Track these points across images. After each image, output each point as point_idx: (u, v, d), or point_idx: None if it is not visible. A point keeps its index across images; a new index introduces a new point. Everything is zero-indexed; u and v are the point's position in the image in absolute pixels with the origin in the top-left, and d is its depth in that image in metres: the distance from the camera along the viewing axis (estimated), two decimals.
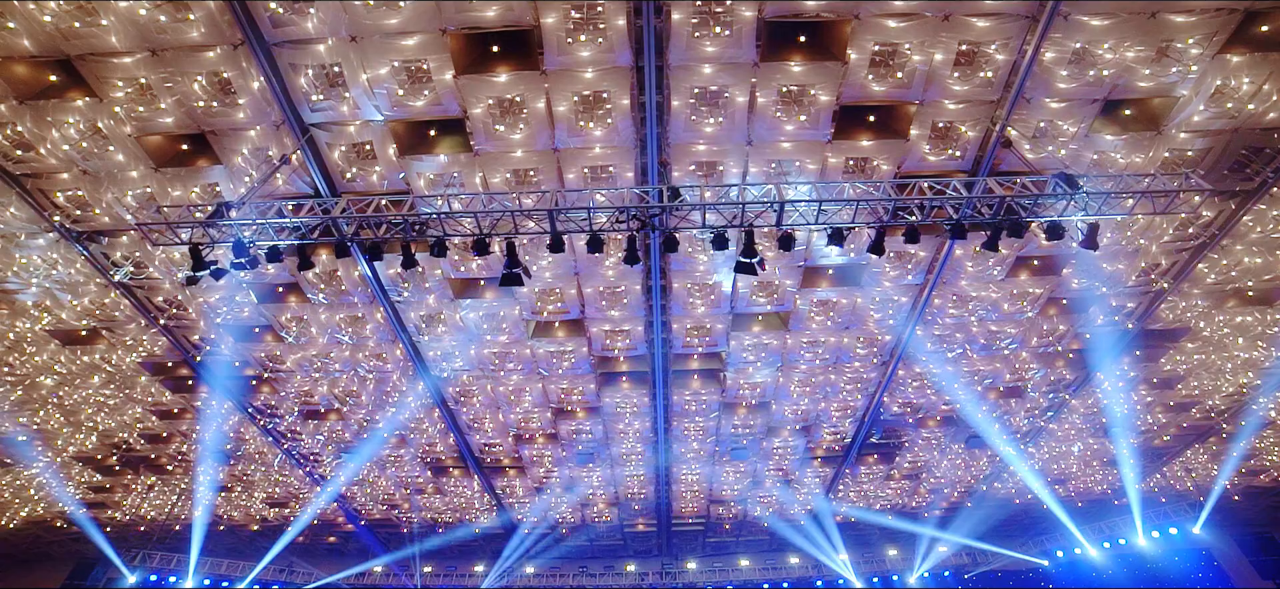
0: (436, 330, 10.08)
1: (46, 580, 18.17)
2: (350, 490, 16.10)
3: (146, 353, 11.11)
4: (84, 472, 14.94)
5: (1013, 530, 18.83)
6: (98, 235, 8.51)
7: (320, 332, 10.38)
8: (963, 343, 10.97)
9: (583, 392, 11.65)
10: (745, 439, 13.34)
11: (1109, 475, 15.93)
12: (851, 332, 10.32)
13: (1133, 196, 6.50)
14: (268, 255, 6.06)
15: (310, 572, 20.01)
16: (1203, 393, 12.49)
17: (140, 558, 17.87)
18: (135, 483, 15.65)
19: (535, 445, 13.53)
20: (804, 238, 8.20)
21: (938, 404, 12.77)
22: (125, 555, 17.52)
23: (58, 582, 17.84)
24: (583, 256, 8.52)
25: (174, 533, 17.60)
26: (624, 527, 18.10)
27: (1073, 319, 10.46)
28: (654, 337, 9.85)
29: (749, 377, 11.30)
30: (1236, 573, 16.81)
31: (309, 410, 12.69)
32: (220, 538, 18.54)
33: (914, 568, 19.52)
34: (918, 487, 16.23)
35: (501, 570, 19.68)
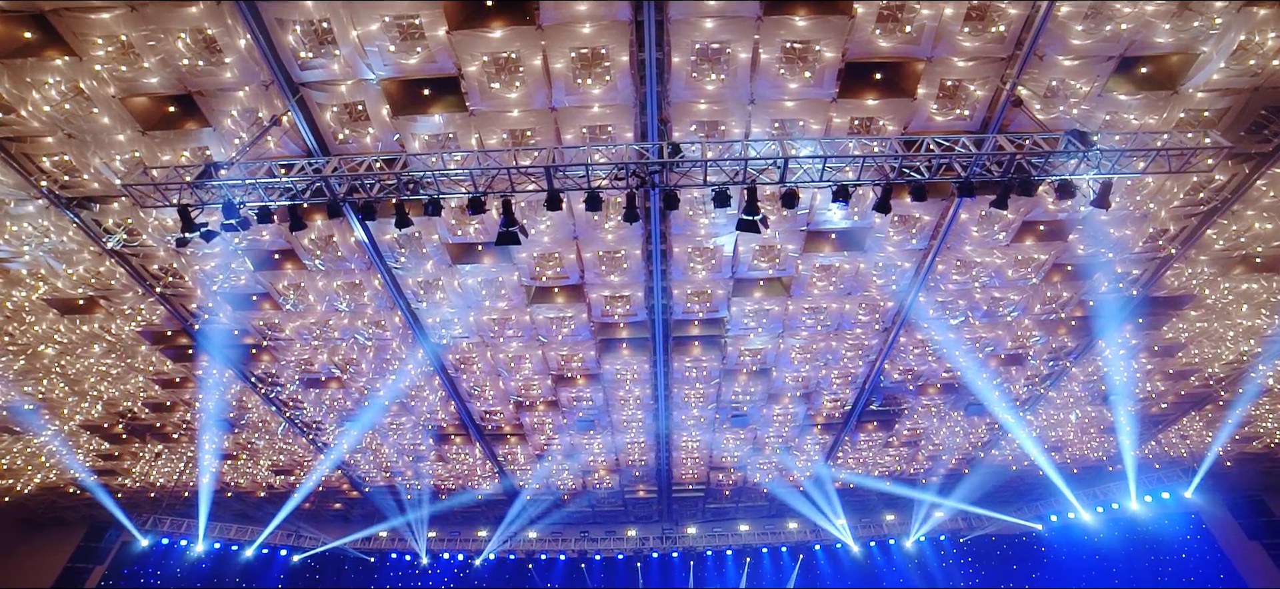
0: (435, 297, 10.00)
1: (63, 544, 18.52)
2: (354, 458, 16.26)
3: (145, 322, 11.08)
4: (92, 440, 15.09)
5: (1008, 496, 19.07)
6: (88, 202, 8.36)
7: (318, 299, 10.31)
8: (965, 310, 10.89)
9: (583, 358, 11.63)
10: (746, 406, 13.38)
11: (1105, 442, 16.05)
12: (854, 297, 10.23)
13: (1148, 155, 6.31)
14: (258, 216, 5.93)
15: (317, 537, 20.41)
16: (1203, 361, 12.46)
17: (152, 522, 18.24)
18: (142, 451, 15.82)
19: (536, 412, 13.59)
20: (807, 200, 8.05)
21: (938, 371, 12.76)
22: (137, 520, 17.87)
23: (73, 545, 18.24)
24: (582, 220, 8.38)
25: (183, 499, 17.90)
26: (625, 493, 18.33)
27: (1077, 286, 10.36)
28: (654, 302, 9.77)
29: (750, 343, 11.25)
30: (1223, 535, 17.10)
31: (310, 379, 12.71)
32: (228, 504, 18.85)
33: (911, 532, 19.86)
34: (916, 453, 16.36)
35: (504, 535, 20.04)
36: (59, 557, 18.15)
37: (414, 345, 11.21)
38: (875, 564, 20.93)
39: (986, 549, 20.47)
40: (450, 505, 18.44)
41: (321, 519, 20.26)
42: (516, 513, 18.89)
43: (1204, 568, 17.15)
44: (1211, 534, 17.26)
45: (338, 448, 15.31)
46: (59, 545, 18.42)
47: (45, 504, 18.02)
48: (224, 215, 5.77)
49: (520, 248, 9.00)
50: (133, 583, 18.17)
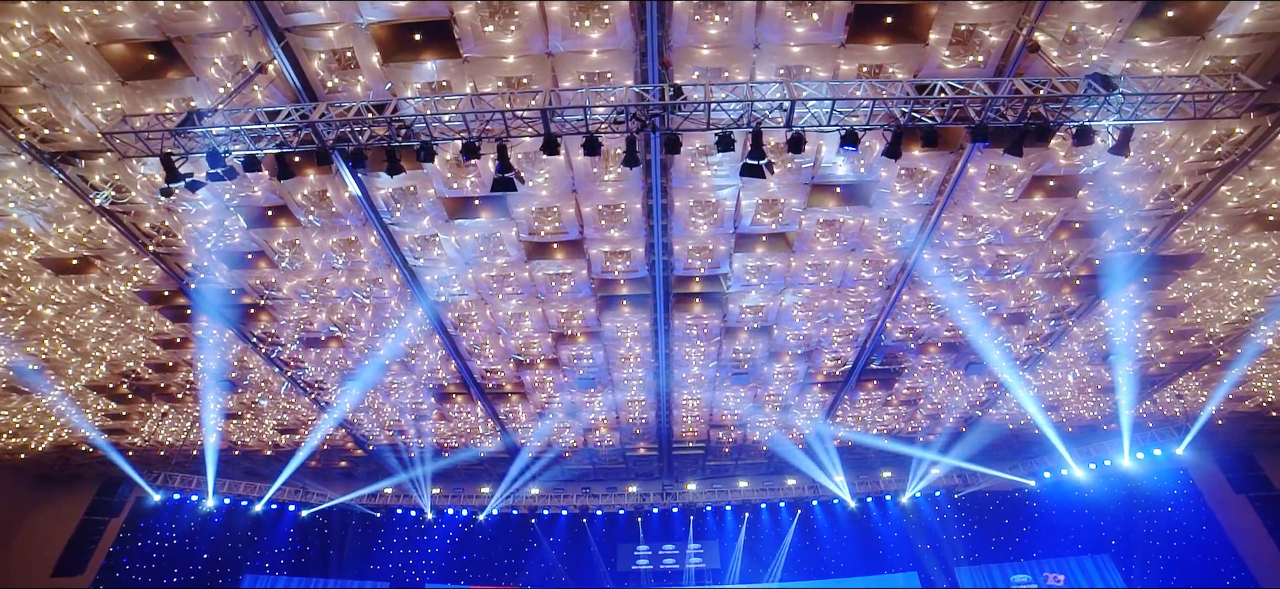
0: (432, 253, 9.86)
1: (79, 498, 19.03)
2: (356, 417, 16.41)
3: (141, 282, 10.97)
4: (99, 400, 15.21)
5: (1003, 453, 19.36)
6: (72, 157, 8.13)
7: (314, 257, 10.17)
8: (969, 267, 10.76)
9: (583, 316, 11.57)
10: (746, 364, 13.39)
11: (1101, 402, 16.16)
12: (857, 254, 10.09)
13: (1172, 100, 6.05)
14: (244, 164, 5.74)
15: (324, 493, 20.83)
16: (1205, 321, 12.39)
17: (163, 479, 18.63)
18: (149, 410, 15.97)
19: (536, 371, 13.62)
20: (811, 152, 7.82)
21: (940, 330, 12.71)
22: (148, 476, 18.26)
23: (88, 499, 18.73)
24: (580, 173, 8.17)
25: (192, 457, 18.21)
26: (625, 450, 18.58)
27: (1084, 244, 10.19)
28: (655, 259, 9.63)
29: (751, 300, 11.16)
30: (1209, 489, 17.49)
31: (309, 338, 12.68)
32: (236, 462, 19.17)
33: (907, 489, 20.25)
34: (914, 412, 16.49)
35: (507, 492, 20.45)
36: (76, 510, 18.72)
37: (413, 303, 11.13)
38: (871, 519, 21.44)
39: (980, 504, 20.93)
40: (453, 462, 18.73)
41: (328, 476, 20.63)
42: (518, 470, 19.23)
43: (1188, 520, 17.64)
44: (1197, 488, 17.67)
45: (340, 407, 15.43)
46: (75, 500, 19.00)
47: (60, 461, 18.46)
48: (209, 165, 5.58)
49: (518, 202, 8.83)
50: (149, 535, 18.67)
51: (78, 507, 18.85)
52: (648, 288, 10.66)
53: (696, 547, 21.79)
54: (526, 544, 22.10)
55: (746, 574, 21.06)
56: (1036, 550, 19.61)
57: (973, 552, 20.12)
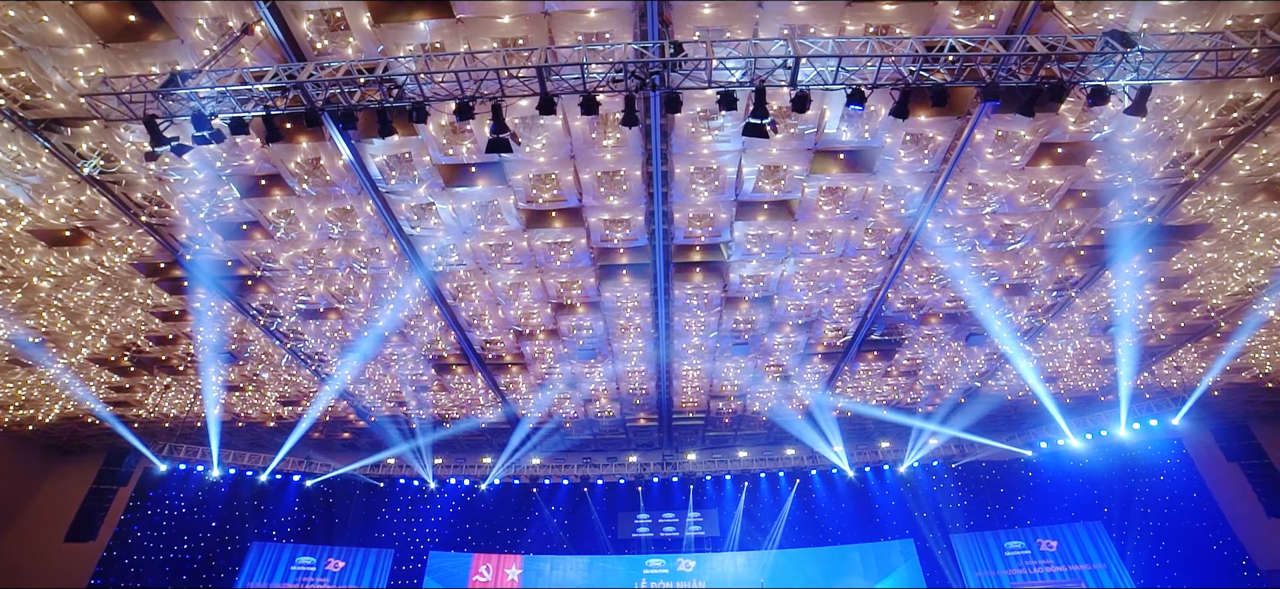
0: (429, 222, 9.73)
1: (87, 468, 19.48)
2: (358, 389, 16.47)
3: (136, 253, 10.86)
4: (101, 373, 15.26)
5: (1001, 424, 19.49)
6: (56, 124, 7.93)
7: (309, 227, 10.04)
8: (973, 237, 10.63)
9: (582, 286, 11.48)
10: (747, 334, 13.36)
11: (1099, 374, 16.19)
12: (860, 222, 9.95)
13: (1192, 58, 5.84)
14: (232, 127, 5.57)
15: (328, 464, 21.06)
16: (1208, 292, 12.31)
17: (168, 449, 18.86)
18: (152, 383, 16.03)
19: (536, 341, 13.59)
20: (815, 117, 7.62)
21: (941, 300, 12.64)
22: (154, 447, 18.49)
23: (96, 469, 19.03)
24: (578, 139, 7.99)
25: (196, 429, 18.39)
26: (626, 421, 18.69)
27: (1090, 214, 10.05)
28: (655, 227, 9.49)
29: (752, 269, 11.06)
30: (1201, 458, 17.73)
31: (308, 310, 12.63)
32: (241, 433, 19.36)
33: (905, 459, 20.44)
34: (914, 383, 16.53)
35: (508, 462, 20.67)
36: (85, 479, 19.22)
37: (411, 274, 11.04)
38: (869, 488, 21.70)
39: (976, 474, 21.14)
40: (454, 433, 18.89)
41: (331, 447, 20.84)
42: (519, 440, 19.39)
43: (1180, 488, 17.93)
44: (1190, 458, 17.92)
45: (341, 378, 15.48)
46: (84, 470, 19.49)
47: (68, 432, 18.76)
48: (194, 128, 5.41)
49: (516, 169, 8.67)
50: (158, 504, 19.04)
51: (86, 476, 19.26)
52: (648, 257, 10.54)
53: (696, 515, 22.12)
54: (528, 513, 22.43)
55: (745, 541, 21.42)
56: (1030, 519, 19.89)
57: (968, 520, 20.41)
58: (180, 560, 18.99)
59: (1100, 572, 18.05)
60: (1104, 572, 18.00)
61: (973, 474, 21.16)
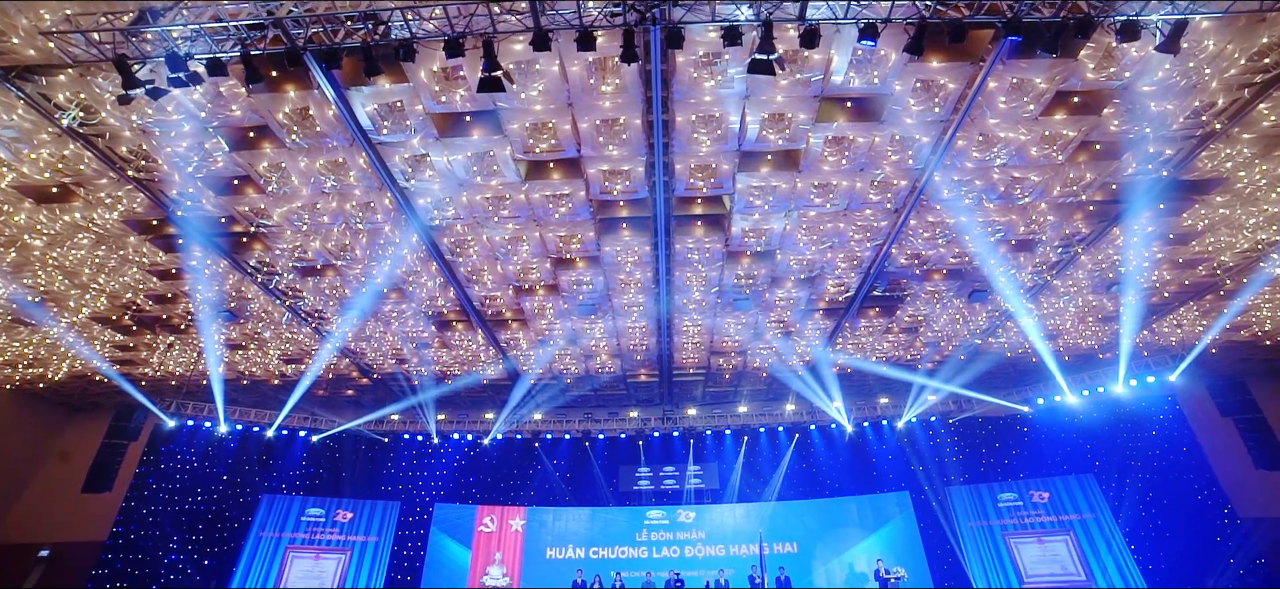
0: (424, 175, 9.50)
1: (98, 423, 19.98)
2: (359, 346, 16.52)
3: (127, 210, 10.67)
4: (104, 332, 15.29)
5: (999, 381, 19.62)
6: (28, 72, 7.61)
7: (302, 180, 9.82)
8: (980, 191, 10.40)
9: (582, 240, 11.31)
10: (748, 290, 13.27)
11: (1099, 332, 16.17)
12: (866, 174, 9.70)
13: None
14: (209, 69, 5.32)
15: (333, 420, 21.37)
16: (1216, 249, 12.12)
17: (175, 406, 19.19)
18: (155, 342, 16.09)
19: (536, 297, 13.52)
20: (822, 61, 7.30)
21: (945, 256, 12.49)
22: (161, 404, 18.79)
23: (106, 425, 19.44)
24: (576, 84, 7.68)
25: (202, 386, 18.61)
26: (627, 377, 18.82)
27: (1102, 167, 9.77)
28: (656, 179, 9.26)
29: (755, 223, 10.87)
30: (1193, 413, 17.95)
31: (305, 267, 12.51)
32: (246, 391, 19.59)
33: (903, 414, 20.67)
34: (915, 340, 16.53)
35: (510, 417, 20.94)
36: (97, 434, 19.69)
37: (407, 229, 10.87)
38: (867, 443, 22.05)
39: (973, 429, 21.43)
40: (456, 389, 19.06)
41: (336, 404, 21.10)
42: (521, 396, 19.59)
43: (1169, 442, 18.23)
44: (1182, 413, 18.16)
45: (341, 336, 15.50)
46: (95, 425, 19.98)
47: (78, 390, 19.11)
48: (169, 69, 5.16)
49: (511, 118, 8.39)
50: (170, 459, 19.60)
51: (98, 432, 19.77)
52: (648, 210, 10.34)
53: (696, 468, 22.55)
54: (531, 467, 22.88)
55: (744, 494, 21.91)
56: (1024, 472, 20.26)
57: (964, 473, 20.81)
58: (195, 511, 19.68)
59: (1089, 521, 18.52)
60: (1093, 521, 18.47)
61: (970, 429, 21.46)
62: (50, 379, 18.01)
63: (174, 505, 19.41)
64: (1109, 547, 17.99)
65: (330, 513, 20.65)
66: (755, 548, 18.04)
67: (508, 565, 20.43)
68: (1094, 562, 18.03)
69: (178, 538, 19.06)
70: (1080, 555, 18.28)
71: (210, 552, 19.50)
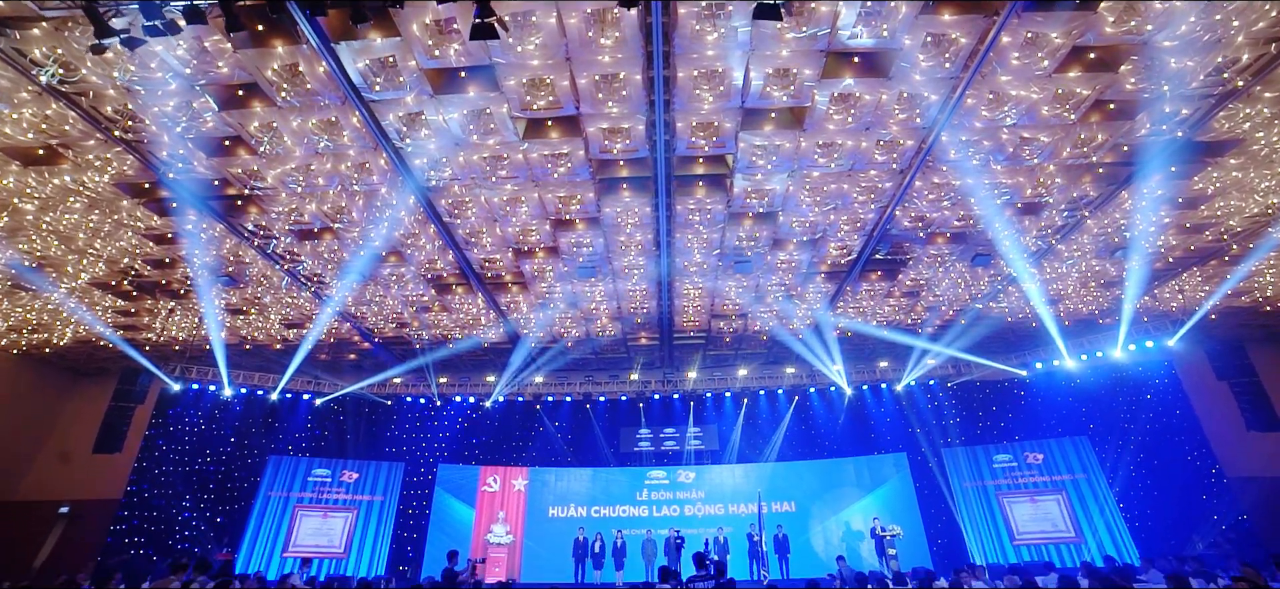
0: (420, 134, 9.27)
1: (104, 388, 20.32)
2: (360, 311, 16.51)
3: (117, 173, 10.47)
4: (105, 297, 15.28)
5: (998, 345, 19.67)
6: None
7: (295, 141, 9.60)
8: (988, 152, 10.17)
9: (581, 200, 11.14)
10: (749, 252, 13.14)
11: (1100, 297, 16.11)
12: (872, 133, 9.46)
13: None
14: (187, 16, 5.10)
15: (336, 383, 21.56)
16: (1225, 213, 11.93)
17: (179, 370, 19.38)
18: (156, 307, 16.09)
19: (536, 259, 13.41)
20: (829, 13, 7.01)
21: (950, 219, 12.32)
22: (166, 369, 18.97)
23: (112, 389, 19.75)
24: (574, 38, 7.40)
25: (205, 351, 18.73)
26: (627, 339, 18.87)
27: (1115, 128, 9.52)
28: (657, 137, 9.03)
29: (758, 183, 10.67)
30: (1189, 377, 18.08)
31: (302, 230, 12.38)
32: (248, 356, 19.73)
33: (903, 378, 20.81)
34: (916, 304, 16.49)
35: (511, 380, 21.11)
36: (104, 398, 19.99)
37: (404, 190, 10.69)
38: (866, 405, 22.28)
39: (971, 392, 21.61)
40: (457, 351, 19.15)
41: (338, 368, 21.27)
42: (522, 360, 19.69)
43: (1164, 405, 18.47)
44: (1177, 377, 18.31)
45: (341, 300, 15.47)
46: (102, 389, 20.32)
47: (83, 355, 19.37)
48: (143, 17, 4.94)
49: (508, 74, 8.14)
50: (178, 421, 19.98)
51: (105, 395, 20.12)
52: (648, 169, 10.13)
53: (696, 430, 22.86)
54: (532, 428, 23.19)
55: (744, 454, 22.26)
56: (1020, 434, 20.52)
57: (961, 435, 21.08)
58: (205, 471, 20.17)
59: (1081, 481, 18.87)
60: (1084, 481, 18.81)
61: (967, 393, 21.64)
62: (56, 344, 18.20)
63: (184, 466, 19.87)
64: (1099, 506, 18.37)
65: (336, 473, 21.05)
66: (754, 507, 18.43)
67: (511, 524, 20.93)
68: (1084, 520, 18.44)
69: (190, 497, 19.55)
70: (1071, 513, 18.67)
71: (222, 509, 19.99)
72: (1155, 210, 11.83)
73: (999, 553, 18.53)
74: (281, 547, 19.43)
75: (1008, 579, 9.51)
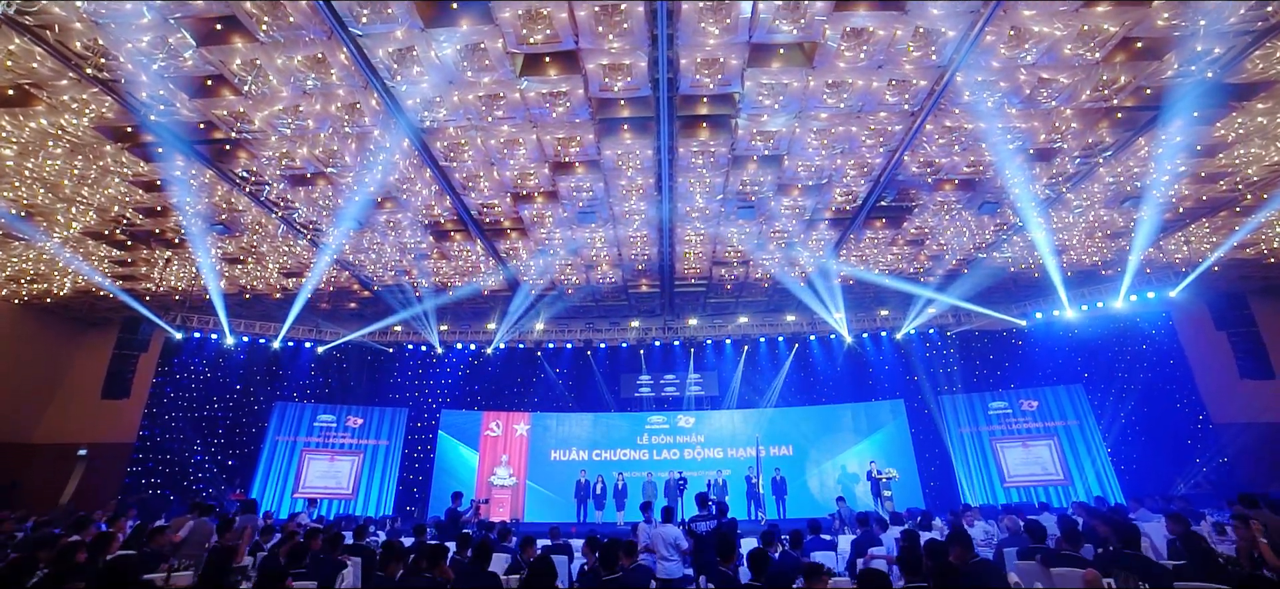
0: (411, 71, 8.84)
1: (107, 336, 20.66)
2: (358, 259, 16.34)
3: (96, 115, 10.06)
4: (99, 247, 15.09)
5: (999, 295, 19.64)
6: None
7: (281, 81, 9.18)
8: (1005, 93, 9.75)
9: (581, 142, 10.78)
10: (753, 197, 12.86)
11: (1105, 248, 15.91)
12: (884, 71, 9.03)
13: None
14: None
15: (337, 331, 21.64)
16: (1243, 162, 11.59)
17: (181, 319, 19.46)
18: (152, 256, 15.91)
19: (535, 204, 13.14)
20: None
21: (960, 165, 11.98)
22: (167, 318, 19.04)
23: (115, 338, 19.94)
24: None
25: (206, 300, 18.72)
26: (628, 287, 18.79)
27: (1140, 68, 9.06)
28: (659, 74, 8.62)
29: (763, 125, 10.29)
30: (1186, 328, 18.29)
31: (294, 175, 12.05)
32: (249, 305, 19.73)
33: (903, 326, 20.87)
34: (919, 252, 16.31)
35: (512, 328, 21.17)
36: (108, 346, 20.33)
37: (398, 132, 10.32)
38: (866, 353, 22.46)
39: (970, 341, 21.75)
40: (457, 298, 19.11)
41: (339, 317, 21.30)
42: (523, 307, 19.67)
43: (1159, 355, 18.81)
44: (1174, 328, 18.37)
45: (338, 248, 15.27)
46: (106, 338, 20.65)
47: (85, 306, 19.45)
48: None
49: (502, 6, 7.68)
50: (183, 369, 20.41)
51: (108, 344, 20.35)
52: (650, 109, 9.73)
53: (696, 376, 23.12)
54: (533, 375, 23.46)
55: (743, 400, 22.60)
56: (1016, 383, 20.79)
57: (958, 383, 21.35)
58: (214, 417, 20.61)
59: (1073, 427, 19.27)
60: (1077, 428, 19.22)
61: (966, 341, 21.78)
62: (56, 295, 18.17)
63: (193, 412, 20.33)
64: (1090, 451, 18.81)
65: (341, 418, 21.43)
66: (752, 451, 18.83)
67: (514, 466, 21.47)
68: (1073, 464, 18.92)
69: (200, 441, 20.04)
70: (1062, 458, 19.14)
71: (232, 452, 20.50)
72: (1171, 158, 11.48)
73: (989, 495, 19.11)
74: (292, 488, 20.01)
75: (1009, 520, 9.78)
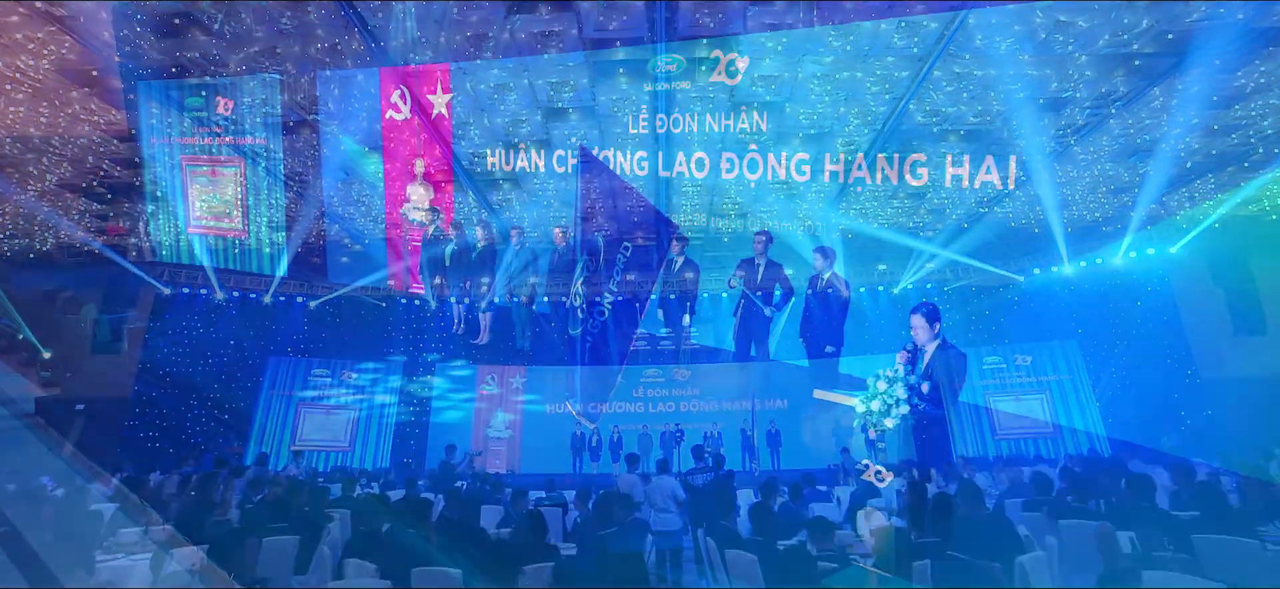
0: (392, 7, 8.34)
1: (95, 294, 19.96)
2: (347, 211, 15.97)
3: (56, 58, 9.47)
4: (78, 200, 14.62)
5: (997, 251, 19.50)
6: None
7: (254, 21, 8.66)
8: (1018, 36, 9.32)
9: (574, 87, 10.35)
10: (753, 147, 12.51)
11: (1109, 203, 15.71)
12: (893, 11, 8.59)
13: None
14: None
15: (329, 285, 21.42)
16: (1260, 113, 11.21)
17: (168, 276, 19.13)
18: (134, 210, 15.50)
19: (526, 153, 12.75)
20: None
21: (966, 115, 11.63)
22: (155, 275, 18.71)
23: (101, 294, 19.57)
24: None
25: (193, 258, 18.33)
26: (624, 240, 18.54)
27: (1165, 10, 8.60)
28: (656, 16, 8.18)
29: (764, 68, 9.88)
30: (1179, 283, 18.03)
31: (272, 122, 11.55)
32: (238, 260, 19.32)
33: (901, 281, 20.82)
34: (920, 206, 16.09)
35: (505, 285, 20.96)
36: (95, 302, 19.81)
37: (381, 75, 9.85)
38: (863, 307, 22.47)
39: (967, 296, 21.78)
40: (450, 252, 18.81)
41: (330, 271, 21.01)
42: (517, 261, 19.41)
43: (1153, 312, 18.71)
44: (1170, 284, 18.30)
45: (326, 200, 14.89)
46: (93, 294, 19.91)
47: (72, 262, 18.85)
48: None
49: None
50: (175, 325, 20.10)
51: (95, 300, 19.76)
52: (647, 52, 9.30)
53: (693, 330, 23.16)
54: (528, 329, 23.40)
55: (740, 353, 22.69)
56: (1010, 337, 20.92)
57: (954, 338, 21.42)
58: (209, 371, 20.55)
59: (1064, 382, 19.58)
60: (1068, 382, 19.52)
61: (964, 296, 21.80)
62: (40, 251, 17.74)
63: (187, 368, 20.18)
64: (1080, 405, 19.15)
65: (336, 373, 21.48)
66: (748, 404, 19.06)
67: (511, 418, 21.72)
68: (1063, 417, 19.28)
69: (196, 396, 20.01)
70: (1052, 412, 19.48)
71: (228, 407, 20.54)
72: (1186, 110, 11.10)
73: (980, 447, 19.52)
74: (288, 441, 20.21)
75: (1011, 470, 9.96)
